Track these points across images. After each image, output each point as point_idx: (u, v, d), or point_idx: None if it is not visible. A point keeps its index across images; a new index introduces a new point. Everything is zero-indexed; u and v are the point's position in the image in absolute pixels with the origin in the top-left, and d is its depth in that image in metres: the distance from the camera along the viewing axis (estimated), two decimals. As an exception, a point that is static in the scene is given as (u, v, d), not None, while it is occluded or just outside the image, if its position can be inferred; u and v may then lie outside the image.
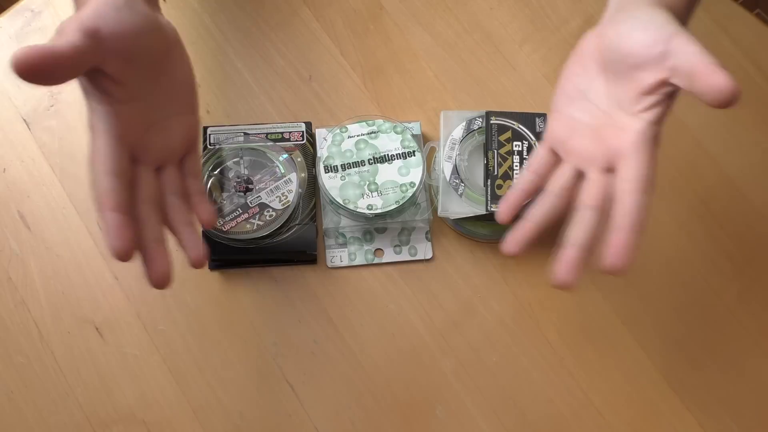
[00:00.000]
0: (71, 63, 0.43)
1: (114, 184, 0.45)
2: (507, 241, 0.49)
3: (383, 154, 0.61)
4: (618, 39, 0.48)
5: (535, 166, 0.52)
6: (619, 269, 0.44)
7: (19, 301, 0.60)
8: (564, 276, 0.46)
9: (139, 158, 0.49)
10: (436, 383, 0.59)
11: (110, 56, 0.46)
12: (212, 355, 0.60)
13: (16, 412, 0.58)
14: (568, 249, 0.47)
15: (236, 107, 0.65)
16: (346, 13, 0.68)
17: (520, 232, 0.49)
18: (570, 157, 0.51)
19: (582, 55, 0.51)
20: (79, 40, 0.43)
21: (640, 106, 0.47)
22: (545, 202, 0.50)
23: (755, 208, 0.63)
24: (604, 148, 0.48)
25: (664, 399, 0.59)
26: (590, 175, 0.49)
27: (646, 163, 0.46)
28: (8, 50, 0.66)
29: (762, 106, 0.66)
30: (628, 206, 0.45)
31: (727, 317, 0.61)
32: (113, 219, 0.44)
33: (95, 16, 0.46)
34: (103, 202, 0.44)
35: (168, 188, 0.51)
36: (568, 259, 0.46)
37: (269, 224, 0.59)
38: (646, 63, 0.46)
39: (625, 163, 0.46)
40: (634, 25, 0.47)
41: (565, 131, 0.51)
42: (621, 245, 0.44)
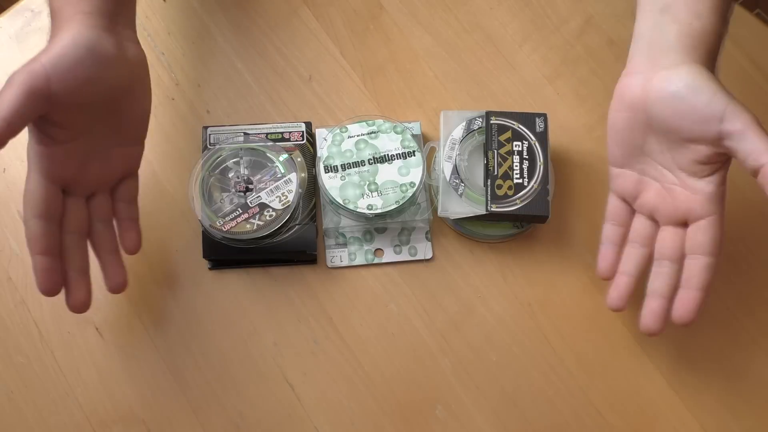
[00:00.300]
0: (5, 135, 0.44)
1: (43, 228, 0.48)
2: (612, 297, 0.54)
3: (383, 154, 0.61)
4: (664, 110, 0.48)
5: (616, 218, 0.55)
6: (687, 323, 0.49)
7: (19, 301, 0.60)
8: (652, 326, 0.51)
9: (71, 190, 0.50)
10: (436, 383, 0.59)
11: (58, 108, 0.46)
12: (212, 355, 0.60)
13: (16, 412, 0.58)
14: (656, 300, 0.51)
15: (236, 107, 0.65)
16: (346, 13, 0.68)
17: (622, 286, 0.53)
18: (643, 209, 0.53)
19: (624, 105, 0.51)
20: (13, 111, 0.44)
21: (704, 171, 0.49)
22: (634, 254, 0.53)
23: (755, 208, 0.63)
24: (676, 206, 0.51)
25: (664, 399, 0.59)
26: (666, 228, 0.52)
27: (718, 226, 0.49)
28: (8, 50, 0.66)
29: (762, 106, 0.65)
30: (701, 266, 0.49)
31: (727, 317, 0.61)
32: (41, 263, 0.47)
33: (50, 69, 0.45)
34: (32, 246, 0.47)
35: (96, 215, 0.53)
36: (657, 311, 0.51)
37: (269, 224, 0.59)
38: (701, 139, 0.47)
39: (697, 225, 0.49)
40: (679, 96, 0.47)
41: (633, 186, 0.53)
42: (692, 303, 0.49)
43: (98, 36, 0.48)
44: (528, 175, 0.59)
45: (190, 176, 0.60)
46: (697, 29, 0.48)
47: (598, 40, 0.67)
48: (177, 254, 0.61)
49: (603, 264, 0.55)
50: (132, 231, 0.55)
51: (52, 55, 0.46)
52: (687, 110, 0.46)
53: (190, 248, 0.61)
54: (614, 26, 0.68)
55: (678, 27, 0.48)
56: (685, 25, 0.48)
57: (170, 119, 0.64)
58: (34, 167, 0.48)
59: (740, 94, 0.48)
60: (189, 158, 0.63)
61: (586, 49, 0.67)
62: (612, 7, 0.68)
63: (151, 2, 0.67)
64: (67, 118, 0.47)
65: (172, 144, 0.64)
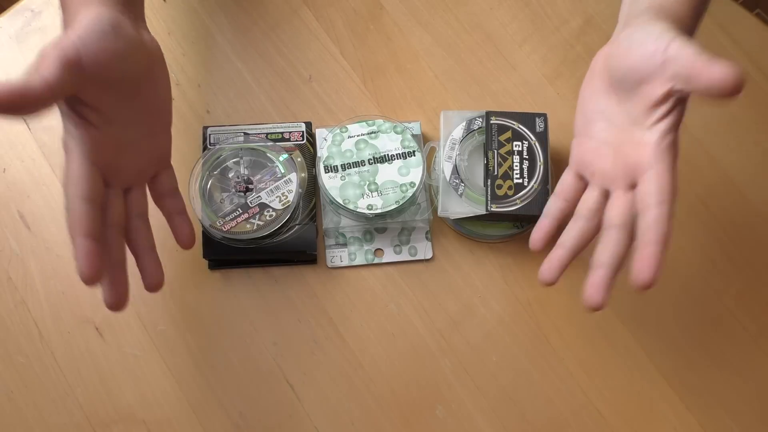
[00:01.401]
0: (43, 99, 0.43)
1: (87, 209, 0.46)
2: (543, 269, 0.50)
3: (383, 154, 0.61)
4: (620, 56, 0.48)
5: (563, 192, 0.53)
6: (647, 284, 0.43)
7: (19, 301, 0.60)
8: (595, 298, 0.46)
9: (109, 181, 0.49)
10: (436, 383, 0.59)
11: (89, 85, 0.46)
12: (212, 355, 0.60)
13: (16, 412, 0.58)
14: (597, 270, 0.47)
15: (236, 107, 0.65)
16: (346, 13, 0.68)
17: (555, 259, 0.50)
18: (595, 178, 0.51)
19: (593, 74, 0.51)
20: (54, 75, 0.43)
21: (653, 118, 0.47)
22: (575, 226, 0.50)
23: (755, 208, 0.63)
24: (625, 166, 0.48)
25: (664, 399, 0.59)
26: (615, 194, 0.49)
27: (665, 172, 0.46)
28: (8, 50, 0.66)
29: (762, 106, 0.66)
30: (651, 219, 0.45)
31: (727, 317, 0.61)
32: (85, 245, 0.45)
33: (79, 43, 0.45)
34: (75, 228, 0.45)
35: (134, 210, 0.51)
36: (598, 281, 0.46)
37: (269, 224, 0.59)
38: (650, 76, 0.46)
39: (645, 177, 0.46)
40: (633, 39, 0.47)
41: (588, 154, 0.51)
42: (647, 260, 0.44)
43: (117, 15, 0.48)
44: (528, 175, 0.59)
45: (190, 176, 0.60)
46: None
47: (598, 40, 0.67)
48: (177, 254, 0.61)
49: (535, 235, 0.52)
50: (185, 224, 0.54)
51: (80, 30, 0.46)
52: (637, 48, 0.46)
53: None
54: (614, 26, 0.67)
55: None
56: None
57: (170, 119, 0.64)
58: (76, 151, 0.47)
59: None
60: (189, 158, 0.63)
61: (586, 49, 0.67)
62: (612, 7, 0.68)
63: (151, 2, 0.67)
64: (97, 98, 0.47)
65: (173, 144, 0.64)
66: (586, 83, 0.52)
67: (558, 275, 0.50)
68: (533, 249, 0.53)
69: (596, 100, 0.51)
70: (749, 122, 0.65)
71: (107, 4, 0.48)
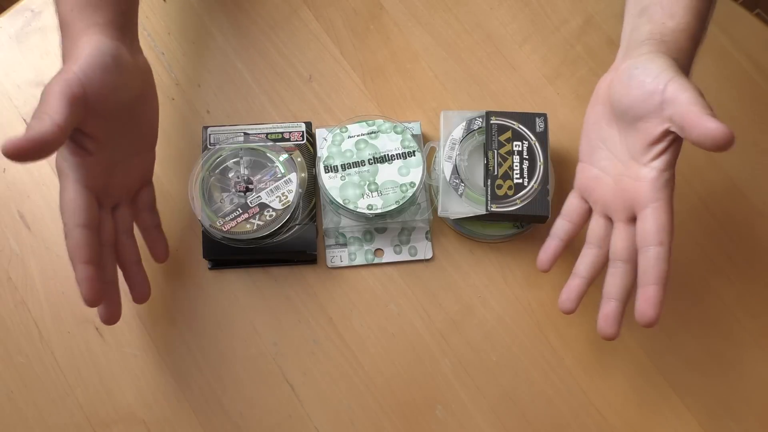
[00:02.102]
0: (57, 143, 0.44)
1: (86, 237, 0.48)
2: (563, 300, 0.52)
3: (383, 154, 0.61)
4: (621, 90, 0.49)
5: (569, 214, 0.54)
6: (651, 323, 0.47)
7: (19, 301, 0.60)
8: (609, 330, 0.50)
9: (101, 201, 0.51)
10: (436, 383, 0.59)
11: (90, 116, 0.47)
12: (212, 355, 0.60)
13: (16, 412, 0.58)
14: (609, 303, 0.50)
15: (236, 107, 0.65)
16: (346, 13, 0.68)
17: (573, 288, 0.52)
18: (597, 206, 0.53)
19: (597, 100, 0.52)
20: (64, 117, 0.44)
21: (649, 156, 0.48)
22: (588, 254, 0.53)
23: (755, 208, 0.63)
24: (624, 199, 0.50)
25: (664, 399, 0.59)
26: (618, 225, 0.51)
27: (662, 211, 0.47)
28: (8, 50, 0.66)
29: (762, 106, 0.66)
30: (651, 258, 0.47)
31: (727, 317, 0.61)
32: (86, 272, 0.47)
33: (83, 78, 0.47)
34: (76, 255, 0.47)
35: (121, 227, 0.54)
36: (611, 314, 0.50)
37: (269, 224, 0.59)
38: (648, 114, 0.47)
39: (642, 215, 0.48)
40: (633, 75, 0.48)
41: (590, 181, 0.53)
42: (649, 300, 0.47)
43: (117, 45, 0.49)
44: (528, 175, 0.59)
45: (190, 176, 0.60)
46: (669, 27, 0.49)
47: (598, 40, 0.67)
48: (177, 254, 0.61)
49: (543, 256, 0.55)
50: (161, 240, 0.57)
51: (83, 64, 0.47)
52: (637, 86, 0.47)
53: (190, 248, 0.61)
54: (614, 26, 0.68)
55: (651, 26, 0.50)
56: (658, 25, 0.49)
57: (170, 119, 0.64)
58: (72, 178, 0.48)
59: (740, 94, 0.48)
60: (189, 158, 0.63)
61: (586, 49, 0.67)
62: (612, 7, 0.68)
63: (151, 2, 0.67)
64: (96, 128, 0.49)
65: (172, 144, 0.64)
66: (590, 107, 0.53)
67: (577, 304, 0.52)
68: (541, 269, 0.55)
69: (599, 127, 0.52)
70: (749, 122, 0.65)
71: (107, 33, 0.50)
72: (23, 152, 0.43)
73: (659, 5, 0.50)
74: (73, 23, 0.49)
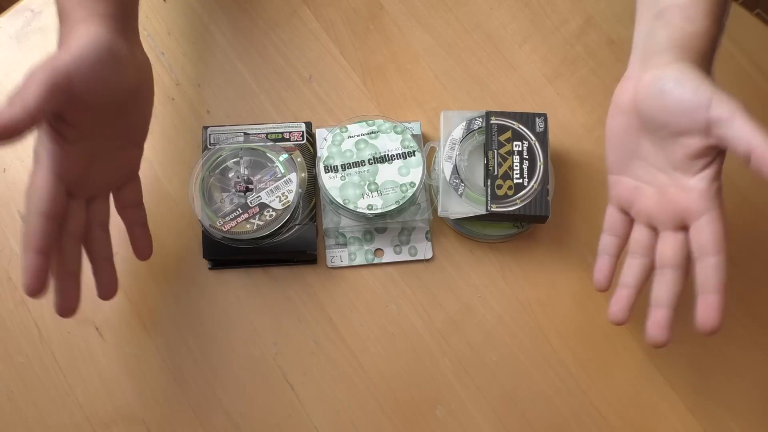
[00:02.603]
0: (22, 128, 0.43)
1: (44, 226, 0.46)
2: (613, 311, 0.52)
3: (383, 154, 0.61)
4: (653, 104, 0.48)
5: (613, 228, 0.54)
6: (714, 330, 0.47)
7: (19, 301, 0.60)
8: (660, 337, 0.49)
9: (74, 192, 0.50)
10: (436, 383, 0.59)
11: (74, 106, 0.46)
12: (212, 355, 0.60)
13: (16, 412, 0.58)
14: (660, 310, 0.49)
15: (236, 107, 0.65)
16: (346, 13, 0.68)
17: (623, 299, 0.52)
18: (640, 217, 0.52)
19: (619, 110, 0.51)
20: (36, 104, 0.43)
21: (696, 167, 0.48)
22: (635, 264, 0.52)
23: (755, 208, 0.63)
24: (673, 209, 0.49)
25: (664, 399, 0.59)
26: (665, 234, 0.50)
27: (719, 220, 0.47)
28: (8, 50, 0.66)
29: (762, 106, 0.66)
30: (710, 267, 0.47)
31: (727, 317, 0.61)
32: (33, 261, 0.46)
33: (72, 67, 0.45)
34: (29, 242, 0.46)
35: (95, 219, 0.52)
36: (662, 321, 0.49)
37: (269, 224, 0.59)
38: (689, 131, 0.47)
39: (697, 225, 0.48)
40: (666, 88, 0.47)
41: (629, 192, 0.52)
42: (711, 308, 0.46)
43: (115, 38, 0.48)
44: (528, 175, 0.59)
45: (190, 176, 0.60)
46: (689, 32, 0.48)
47: (598, 40, 0.67)
48: (177, 254, 0.61)
49: (599, 276, 0.54)
50: (145, 238, 0.55)
51: (74, 53, 0.46)
52: (674, 102, 0.46)
53: (190, 248, 0.61)
54: (614, 26, 0.68)
55: (670, 31, 0.49)
56: (677, 29, 0.48)
57: (170, 119, 0.64)
58: (44, 165, 0.47)
59: (740, 94, 0.48)
60: (189, 158, 0.63)
61: (586, 49, 0.67)
62: (612, 7, 0.68)
63: (151, 2, 0.67)
64: (80, 118, 0.47)
65: (172, 144, 0.64)
66: (612, 119, 0.52)
67: (629, 315, 0.52)
68: (600, 289, 0.54)
69: (629, 139, 0.51)
70: (749, 122, 0.65)
71: (106, 24, 0.48)
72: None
73: (677, 8, 0.49)
74: (73, 12, 0.48)
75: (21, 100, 0.43)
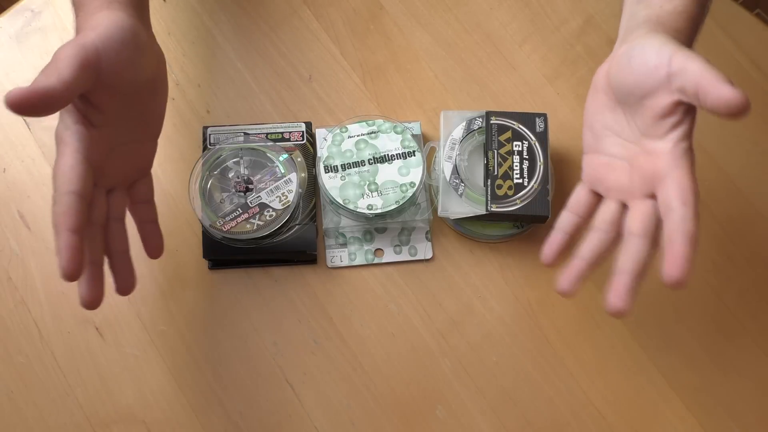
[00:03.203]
0: (62, 100, 0.44)
1: (77, 204, 0.45)
2: (561, 280, 0.49)
3: (383, 154, 0.61)
4: (622, 71, 0.48)
5: (576, 207, 0.52)
6: (680, 280, 0.43)
7: (19, 301, 0.60)
8: (618, 303, 0.46)
9: (96, 180, 0.49)
10: (436, 383, 0.59)
11: (100, 87, 0.47)
12: (212, 355, 0.60)
13: (16, 412, 0.58)
14: (620, 276, 0.46)
15: (236, 107, 0.65)
16: (346, 13, 0.68)
17: (574, 270, 0.50)
18: (611, 193, 0.51)
19: (597, 90, 0.51)
20: (72, 76, 0.44)
21: (663, 129, 0.47)
22: (593, 238, 0.50)
23: (755, 208, 0.63)
24: (641, 177, 0.48)
25: (664, 399, 0.59)
26: (633, 204, 0.49)
27: (685, 176, 0.45)
28: (8, 50, 0.66)
29: (762, 106, 0.66)
30: (677, 219, 0.44)
31: (727, 317, 0.61)
32: (70, 240, 0.44)
33: (100, 45, 0.46)
34: (62, 221, 0.45)
35: (113, 213, 0.51)
36: (620, 287, 0.46)
37: (269, 224, 0.59)
38: (655, 89, 0.46)
39: (664, 183, 0.46)
40: (633, 54, 0.47)
41: (601, 169, 0.51)
42: (677, 257, 0.43)
43: (137, 23, 0.49)
44: (528, 175, 0.59)
45: (190, 176, 0.60)
46: (667, 10, 0.49)
47: (598, 40, 0.67)
48: (177, 254, 0.61)
49: (547, 250, 0.52)
50: (156, 235, 0.54)
51: (101, 34, 0.46)
52: (639, 64, 0.46)
53: (190, 248, 0.61)
54: (614, 26, 0.67)
55: (648, 11, 0.49)
56: (656, 8, 0.49)
57: (170, 119, 0.64)
58: (72, 146, 0.47)
59: (740, 94, 0.47)
60: (189, 158, 0.63)
61: (586, 49, 0.67)
62: (612, 7, 0.68)
63: (151, 2, 0.67)
64: (105, 101, 0.48)
65: (172, 144, 0.64)
66: (590, 100, 0.52)
67: (576, 286, 0.50)
68: (545, 263, 0.52)
69: (603, 115, 0.51)
70: (749, 122, 0.65)
71: (126, 10, 0.49)
72: (25, 103, 0.42)
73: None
74: (90, 1, 0.49)
75: (57, 72, 0.43)
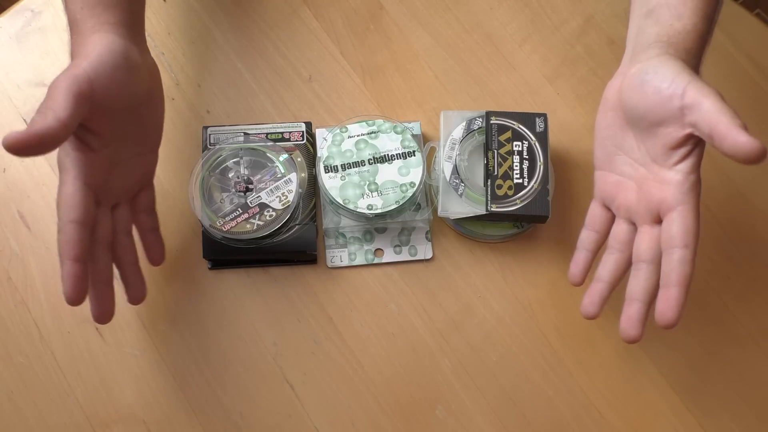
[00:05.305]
0: (60, 138, 0.44)
1: (79, 234, 0.47)
2: (585, 304, 0.51)
3: (383, 154, 0.61)
4: (634, 96, 0.48)
5: (593, 224, 0.54)
6: (670, 324, 0.46)
7: (19, 301, 0.60)
8: (631, 332, 0.48)
9: (100, 200, 0.51)
10: (436, 383, 0.59)
11: (96, 113, 0.47)
12: (212, 355, 0.60)
13: (16, 412, 0.58)
14: (632, 305, 0.49)
15: (236, 107, 0.65)
16: (346, 13, 0.68)
17: (596, 293, 0.51)
18: (620, 211, 0.52)
19: (607, 106, 0.52)
20: (68, 113, 0.44)
21: (674, 159, 0.47)
22: (611, 259, 0.52)
23: (755, 208, 0.63)
24: (649, 202, 0.49)
25: (664, 399, 0.59)
26: (641, 228, 0.50)
27: (689, 214, 0.47)
28: (8, 50, 0.66)
29: (762, 106, 0.66)
30: (675, 260, 0.46)
31: (727, 317, 0.61)
32: (72, 269, 0.47)
33: (92, 74, 0.47)
34: (65, 251, 0.47)
35: (120, 227, 0.53)
36: (634, 315, 0.48)
37: (269, 224, 0.59)
38: (667, 119, 0.47)
39: (669, 217, 0.47)
40: (646, 79, 0.47)
41: (612, 187, 0.52)
42: (670, 301, 0.46)
43: (128, 44, 0.50)
44: (528, 175, 0.59)
45: (190, 176, 0.60)
46: (676, 29, 0.49)
47: (598, 40, 0.67)
48: (177, 254, 0.61)
49: (574, 269, 0.54)
50: (158, 243, 0.57)
51: (93, 61, 0.47)
52: (653, 91, 0.47)
53: (190, 248, 0.61)
54: (614, 26, 0.68)
55: (658, 28, 0.49)
56: (666, 26, 0.49)
57: (170, 119, 0.64)
58: (71, 173, 0.48)
59: (740, 94, 0.48)
60: (189, 158, 0.63)
61: (586, 49, 0.67)
62: (612, 7, 0.68)
63: (151, 2, 0.67)
64: (102, 125, 0.49)
65: (172, 144, 0.64)
66: (600, 114, 0.52)
67: (601, 309, 0.51)
68: (573, 283, 0.54)
69: (614, 134, 0.51)
70: (749, 122, 0.65)
71: (118, 32, 0.50)
72: (24, 147, 0.43)
73: (666, 6, 0.49)
74: (83, 21, 0.49)
75: (53, 111, 0.44)
